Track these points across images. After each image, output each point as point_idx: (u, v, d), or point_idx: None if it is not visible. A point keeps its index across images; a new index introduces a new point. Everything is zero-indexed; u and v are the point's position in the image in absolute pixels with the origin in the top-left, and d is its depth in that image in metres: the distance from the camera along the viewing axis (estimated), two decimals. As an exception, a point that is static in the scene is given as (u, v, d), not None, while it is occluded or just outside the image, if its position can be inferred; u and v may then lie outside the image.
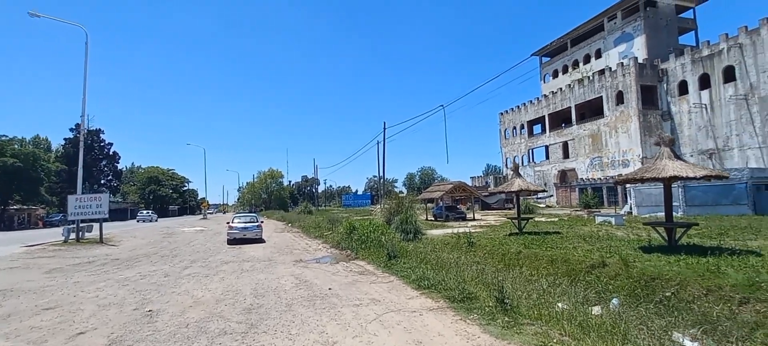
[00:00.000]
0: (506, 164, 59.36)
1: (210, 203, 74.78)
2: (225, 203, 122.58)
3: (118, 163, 65.46)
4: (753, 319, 5.44)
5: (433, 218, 28.87)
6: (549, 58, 57.22)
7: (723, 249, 8.70)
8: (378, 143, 35.42)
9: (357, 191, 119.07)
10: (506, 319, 5.29)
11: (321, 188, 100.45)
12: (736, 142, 33.78)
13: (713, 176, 8.60)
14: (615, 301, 7.24)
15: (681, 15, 45.48)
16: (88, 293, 8.07)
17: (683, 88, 38.02)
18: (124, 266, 11.73)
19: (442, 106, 46.13)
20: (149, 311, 6.47)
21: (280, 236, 22.93)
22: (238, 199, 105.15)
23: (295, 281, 8.79)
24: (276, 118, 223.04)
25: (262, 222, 20.42)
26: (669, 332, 6.01)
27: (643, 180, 9.14)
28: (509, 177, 56.48)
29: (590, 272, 8.26)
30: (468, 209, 35.63)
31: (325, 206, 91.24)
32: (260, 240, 18.62)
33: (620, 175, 37.49)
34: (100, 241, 19.47)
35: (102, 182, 60.92)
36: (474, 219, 27.32)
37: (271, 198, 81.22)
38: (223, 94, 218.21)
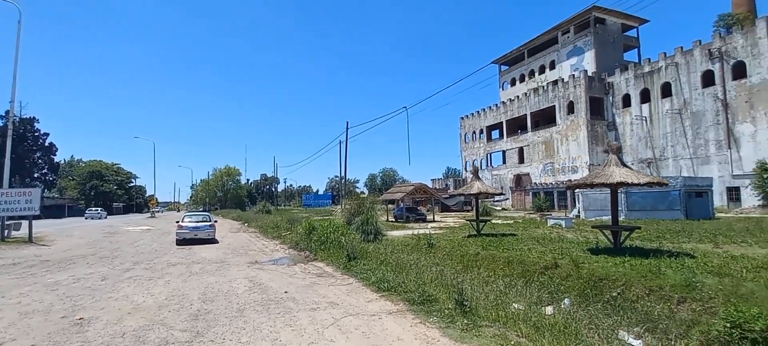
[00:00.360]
0: (465, 167, 60.95)
1: (159, 200, 70.49)
2: (176, 201, 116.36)
3: (55, 155, 60.14)
4: (689, 317, 5.82)
5: (393, 219, 28.94)
6: (507, 67, 59.47)
7: (662, 251, 9.33)
8: (340, 143, 35.04)
9: (318, 190, 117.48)
10: (465, 321, 5.27)
11: (281, 187, 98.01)
12: (671, 152, 36.82)
13: (654, 183, 9.21)
14: (566, 301, 7.52)
15: (626, 33, 48.98)
16: (10, 299, 7.19)
17: (627, 101, 40.93)
18: (56, 269, 10.63)
19: (405, 107, 46.44)
20: (80, 318, 5.84)
21: (235, 236, 21.95)
22: (191, 197, 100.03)
23: (248, 285, 8.35)
24: (235, 114, 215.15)
25: (215, 222, 19.44)
26: (616, 331, 6.31)
27: (593, 185, 9.61)
28: (468, 180, 58.04)
29: (544, 273, 8.53)
30: (428, 210, 36.12)
31: (284, 205, 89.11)
32: (213, 241, 17.69)
33: (570, 180, 39.59)
34: (29, 240, 17.63)
35: (35, 175, 55.65)
36: (434, 221, 27.69)
37: (228, 197, 78.01)
38: (177, 86, 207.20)
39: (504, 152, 53.85)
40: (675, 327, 5.83)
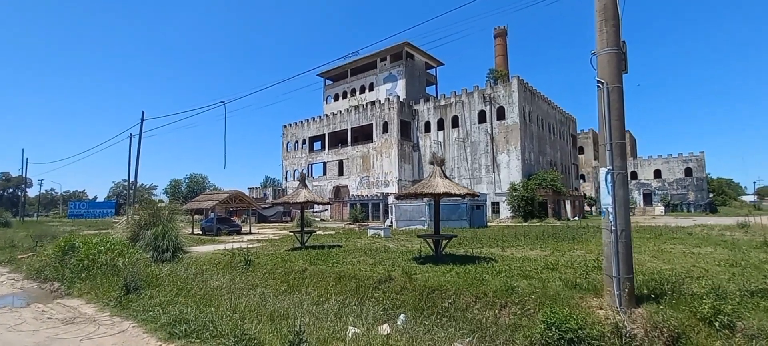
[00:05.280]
0: (286, 177, 59.05)
1: None
2: None
3: None
4: (512, 321, 6.11)
5: (201, 232, 24.62)
6: (332, 82, 61.35)
7: (472, 257, 10.28)
8: (132, 136, 27.77)
9: (96, 197, 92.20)
10: (303, 371, 3.89)
11: (33, 192, 72.63)
12: (457, 172, 44.79)
13: (469, 194, 10.12)
14: (402, 317, 7.07)
15: (428, 70, 57.90)
16: None
17: (427, 127, 47.88)
18: None
19: (222, 102, 41.15)
20: None
21: None
22: None
23: None
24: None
25: None
26: (451, 343, 6.13)
27: (422, 195, 9.85)
28: (290, 189, 56.20)
29: (377, 288, 7.98)
30: (243, 221, 32.64)
31: (38, 215, 66.12)
32: None
33: (384, 193, 42.93)
34: None
35: None
36: (250, 232, 24.89)
37: None
38: None
39: (325, 164, 54.69)
40: (501, 333, 6.00)
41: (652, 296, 5.61)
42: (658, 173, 58.29)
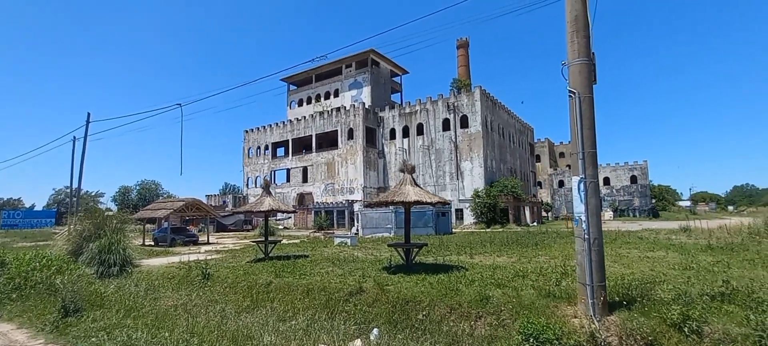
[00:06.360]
0: (247, 184, 57.02)
1: None
2: None
3: None
4: (488, 333, 6.01)
5: (154, 243, 22.98)
6: (296, 87, 60.22)
7: (443, 266, 10.18)
8: (76, 139, 25.51)
9: (33, 206, 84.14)
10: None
11: (-47, 200, 65.20)
12: (422, 179, 45.15)
13: (439, 202, 10.04)
14: (375, 331, 6.79)
15: (394, 78, 58.32)
16: None
17: (393, 134, 48.07)
18: None
19: (179, 104, 38.93)
20: None
21: None
22: None
23: None
24: None
25: None
26: (427, 358, 5.92)
27: (393, 203, 9.64)
28: (250, 198, 54.20)
29: (348, 301, 7.64)
30: (200, 230, 30.98)
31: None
32: None
33: (349, 200, 42.40)
34: None
35: None
36: (208, 243, 23.56)
37: None
38: None
39: (288, 170, 53.35)
40: (478, 345, 5.88)
41: (624, 303, 5.73)
42: (607, 181, 61.98)
